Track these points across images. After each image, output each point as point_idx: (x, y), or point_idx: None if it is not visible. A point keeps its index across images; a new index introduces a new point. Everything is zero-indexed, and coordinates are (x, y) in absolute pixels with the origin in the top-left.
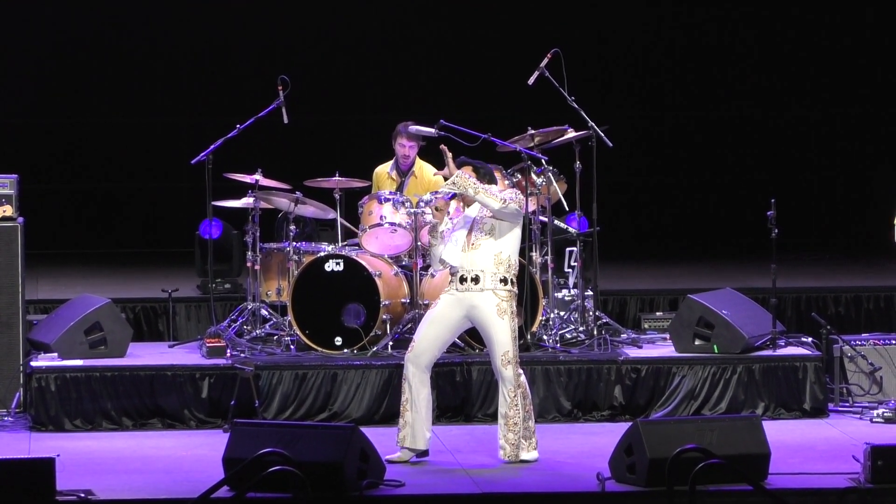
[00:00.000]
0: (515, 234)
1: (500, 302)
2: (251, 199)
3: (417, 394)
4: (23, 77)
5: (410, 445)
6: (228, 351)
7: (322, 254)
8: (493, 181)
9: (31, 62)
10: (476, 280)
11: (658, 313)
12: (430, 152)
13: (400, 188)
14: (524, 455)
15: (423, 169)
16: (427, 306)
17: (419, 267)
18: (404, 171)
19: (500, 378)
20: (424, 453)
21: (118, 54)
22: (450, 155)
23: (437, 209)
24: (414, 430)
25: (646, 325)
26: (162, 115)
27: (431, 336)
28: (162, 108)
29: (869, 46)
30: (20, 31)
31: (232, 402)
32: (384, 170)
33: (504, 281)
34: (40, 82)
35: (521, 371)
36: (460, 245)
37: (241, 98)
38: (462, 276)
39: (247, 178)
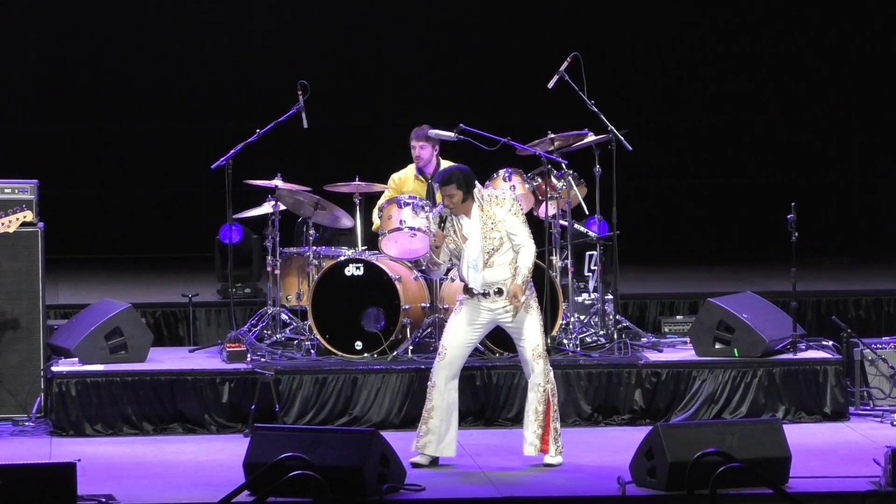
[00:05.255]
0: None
1: (524, 300)
2: (270, 206)
3: (450, 401)
4: (43, 82)
5: (433, 453)
6: (249, 355)
7: (342, 258)
8: (472, 185)
9: (51, 68)
10: (500, 293)
11: (678, 317)
12: (454, 153)
13: (431, 192)
14: (550, 459)
15: None
16: (447, 310)
17: None
18: (429, 175)
19: (532, 373)
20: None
21: (140, 59)
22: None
23: (436, 246)
24: (441, 438)
25: (666, 329)
26: (182, 120)
27: (462, 342)
28: (182, 114)
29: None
30: (41, 36)
31: (252, 407)
32: (406, 175)
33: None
34: (60, 88)
35: (550, 368)
36: (480, 268)
37: (261, 103)
38: (484, 292)
39: (267, 184)
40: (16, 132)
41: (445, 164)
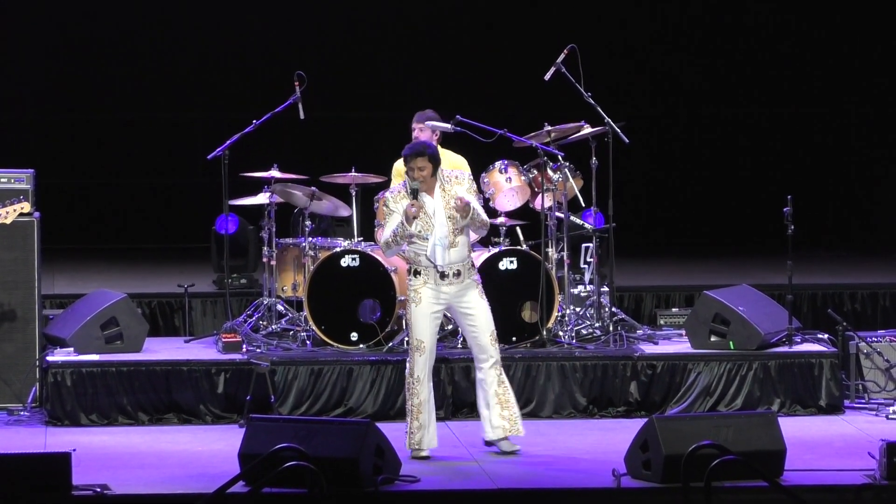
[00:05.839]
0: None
1: (478, 285)
2: (266, 196)
3: (430, 394)
4: (40, 72)
5: (429, 446)
6: (244, 346)
7: (338, 249)
8: (439, 162)
9: (48, 58)
10: (458, 274)
11: (674, 309)
12: (452, 141)
13: None
14: (511, 447)
15: (447, 156)
16: None
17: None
18: None
19: (487, 357)
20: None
21: (135, 50)
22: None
23: (414, 217)
24: (430, 431)
25: (661, 322)
26: (179, 110)
27: (433, 332)
28: (179, 104)
29: (886, 43)
30: (38, 27)
31: (248, 398)
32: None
33: (473, 266)
34: (57, 78)
35: None
36: (447, 245)
37: (258, 93)
38: (443, 273)
39: (263, 176)
40: (13, 122)
41: (446, 153)
